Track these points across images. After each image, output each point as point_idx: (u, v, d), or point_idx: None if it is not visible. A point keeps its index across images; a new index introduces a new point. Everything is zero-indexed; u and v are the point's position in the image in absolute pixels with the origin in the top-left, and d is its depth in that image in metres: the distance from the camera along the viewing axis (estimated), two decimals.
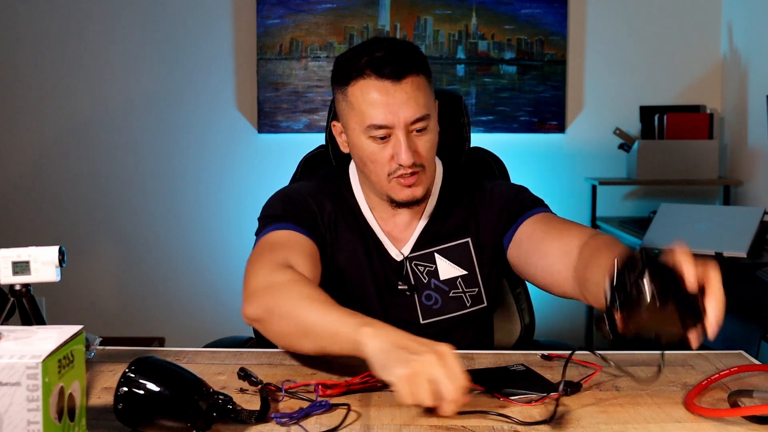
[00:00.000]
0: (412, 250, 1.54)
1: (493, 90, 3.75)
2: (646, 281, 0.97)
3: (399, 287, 1.51)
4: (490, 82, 3.75)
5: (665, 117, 3.62)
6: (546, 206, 1.57)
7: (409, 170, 1.42)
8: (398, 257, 1.54)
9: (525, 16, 3.72)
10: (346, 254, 1.53)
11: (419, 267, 1.53)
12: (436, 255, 1.54)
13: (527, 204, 1.54)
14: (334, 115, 1.54)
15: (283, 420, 1.05)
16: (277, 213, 1.49)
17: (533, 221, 1.50)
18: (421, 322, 1.52)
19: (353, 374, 1.22)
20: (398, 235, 1.55)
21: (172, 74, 3.77)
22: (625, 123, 3.76)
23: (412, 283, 1.53)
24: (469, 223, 1.56)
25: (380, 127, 1.39)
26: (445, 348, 1.06)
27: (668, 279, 0.98)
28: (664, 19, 3.77)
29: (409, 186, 1.44)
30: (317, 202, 1.53)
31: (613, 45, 3.78)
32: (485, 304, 1.56)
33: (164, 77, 3.77)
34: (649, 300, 0.97)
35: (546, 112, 3.76)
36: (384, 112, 1.38)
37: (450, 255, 1.54)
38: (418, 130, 1.41)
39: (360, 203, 1.56)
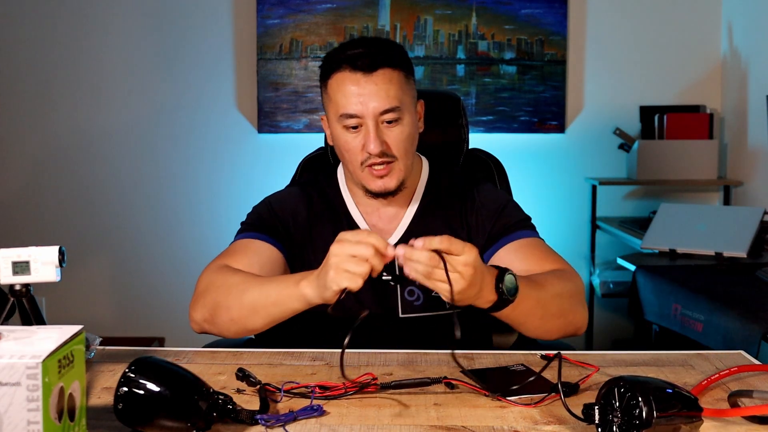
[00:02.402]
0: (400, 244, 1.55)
1: (493, 90, 3.75)
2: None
3: (383, 277, 1.51)
4: (490, 82, 3.75)
5: (665, 117, 3.62)
6: (530, 226, 1.58)
7: (379, 159, 1.46)
8: None
9: (525, 16, 3.72)
10: (322, 254, 1.53)
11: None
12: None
13: (511, 225, 1.55)
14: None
15: (270, 422, 1.05)
16: (250, 222, 1.58)
17: (512, 249, 1.52)
18: (400, 315, 1.54)
19: (353, 375, 1.22)
20: (384, 227, 1.57)
21: (172, 74, 3.77)
22: (625, 123, 3.76)
23: (397, 274, 1.53)
24: (460, 228, 1.57)
25: (351, 116, 1.45)
26: (339, 236, 1.22)
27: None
28: (664, 19, 3.77)
29: (381, 177, 1.48)
30: (293, 208, 1.59)
31: (613, 45, 3.78)
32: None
33: (164, 77, 3.77)
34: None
35: (546, 112, 3.76)
36: (355, 102, 1.44)
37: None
38: (389, 122, 1.45)
39: (346, 200, 1.60)
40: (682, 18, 3.77)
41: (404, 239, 1.54)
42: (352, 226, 1.57)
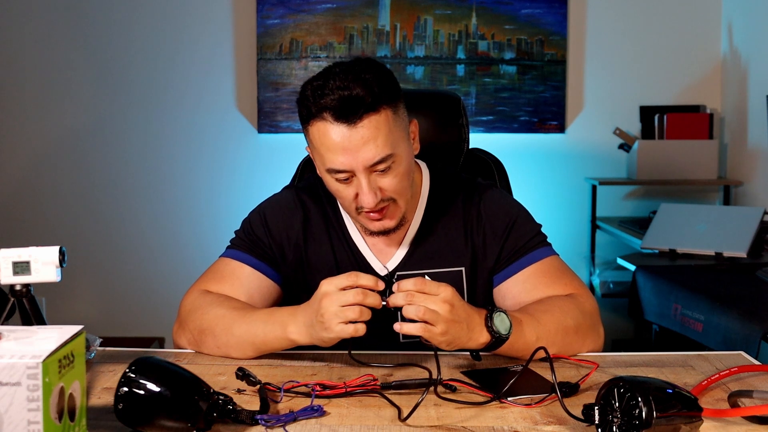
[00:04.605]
0: (401, 267, 1.50)
1: (493, 90, 3.75)
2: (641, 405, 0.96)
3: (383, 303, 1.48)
4: (490, 82, 3.75)
5: (665, 117, 3.62)
6: (542, 241, 1.52)
7: (376, 208, 1.38)
8: (382, 271, 1.50)
9: (525, 16, 3.72)
10: (318, 272, 1.51)
11: None
12: (427, 278, 1.50)
13: (521, 247, 1.49)
14: None
15: (270, 422, 1.05)
16: (242, 239, 1.54)
17: (521, 279, 1.47)
18: (401, 340, 1.50)
19: (354, 375, 1.22)
20: (384, 248, 1.52)
21: (172, 74, 3.77)
22: (625, 123, 3.76)
23: None
24: (465, 250, 1.51)
25: (339, 171, 1.35)
26: (323, 287, 1.21)
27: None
28: (664, 19, 3.77)
29: (379, 219, 1.41)
30: (288, 224, 1.53)
31: (613, 45, 3.78)
32: None
33: (164, 77, 3.77)
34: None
35: (546, 112, 3.76)
36: (342, 157, 1.33)
37: (441, 281, 1.46)
38: (382, 170, 1.36)
39: (344, 217, 1.53)
40: (682, 18, 3.77)
41: (405, 260, 1.51)
42: (351, 246, 1.51)
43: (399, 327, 1.20)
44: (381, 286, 1.20)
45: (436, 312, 1.19)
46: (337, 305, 1.19)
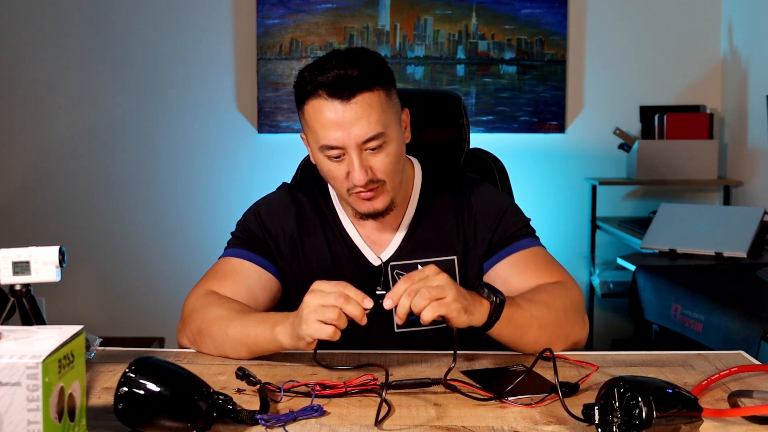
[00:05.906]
0: (394, 257, 1.53)
1: (493, 90, 3.75)
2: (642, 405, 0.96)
3: (377, 292, 1.47)
4: (490, 82, 3.75)
5: (665, 117, 3.62)
6: (530, 233, 1.55)
7: (366, 187, 1.41)
8: (376, 262, 1.53)
9: (525, 16, 3.72)
10: (314, 265, 1.53)
11: (401, 276, 1.50)
12: (419, 267, 1.50)
13: (510, 235, 1.53)
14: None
15: (270, 422, 1.05)
16: (239, 237, 1.56)
17: (509, 264, 1.50)
18: (396, 330, 1.52)
19: (354, 375, 1.22)
20: (377, 239, 1.54)
21: (172, 74, 3.77)
22: (625, 123, 3.76)
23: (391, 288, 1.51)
24: (457, 240, 1.54)
25: (332, 147, 1.39)
26: (313, 285, 1.23)
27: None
28: (664, 19, 3.77)
29: (369, 200, 1.43)
30: (283, 220, 1.56)
31: (613, 45, 3.78)
32: None
33: (164, 77, 3.77)
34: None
35: (546, 112, 3.76)
36: (335, 132, 1.37)
37: None
38: (373, 149, 1.39)
39: (338, 209, 1.56)
40: (682, 18, 3.77)
41: (398, 251, 1.53)
42: (345, 238, 1.54)
43: (423, 320, 1.21)
44: (368, 304, 1.20)
45: (438, 285, 1.21)
46: (318, 302, 1.19)
